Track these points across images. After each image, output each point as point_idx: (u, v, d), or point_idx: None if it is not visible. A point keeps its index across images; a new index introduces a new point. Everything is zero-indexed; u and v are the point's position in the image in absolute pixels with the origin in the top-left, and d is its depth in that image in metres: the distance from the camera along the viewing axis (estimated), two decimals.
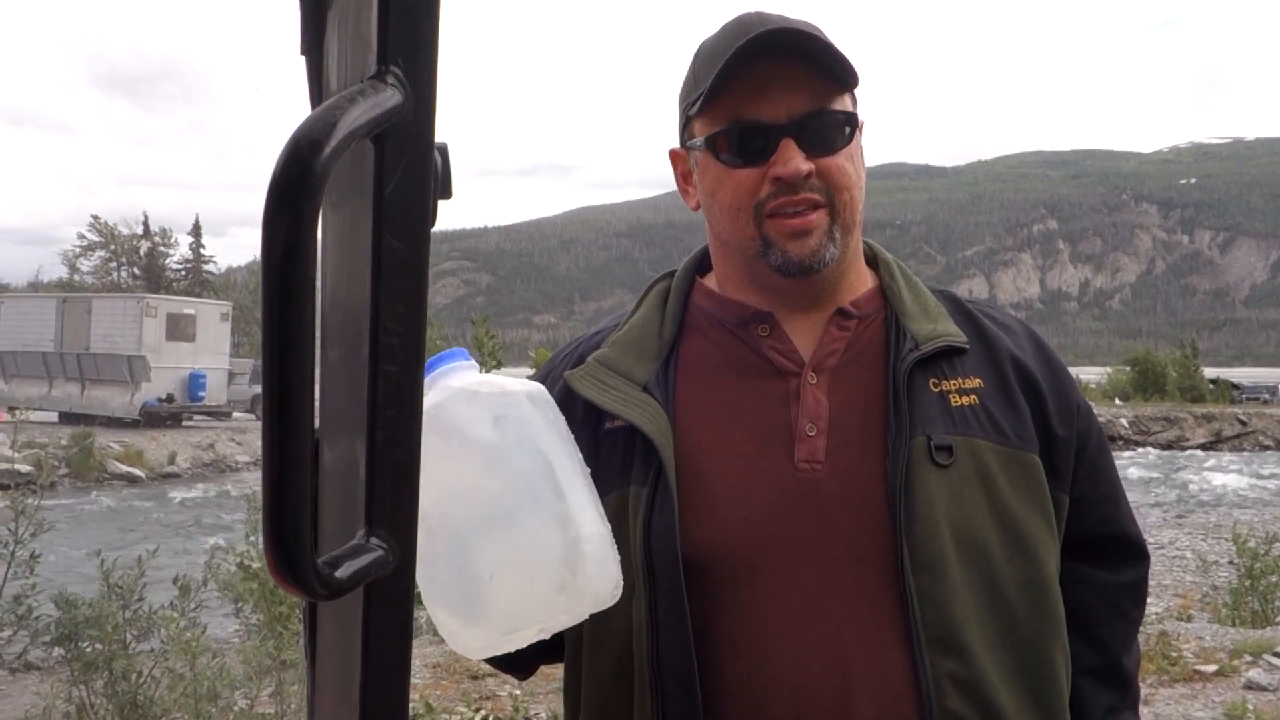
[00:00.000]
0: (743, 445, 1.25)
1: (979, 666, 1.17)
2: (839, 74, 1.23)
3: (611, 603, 1.05)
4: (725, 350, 1.32)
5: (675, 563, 1.18)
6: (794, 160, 1.21)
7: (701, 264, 1.42)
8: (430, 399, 1.01)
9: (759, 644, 1.19)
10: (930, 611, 1.16)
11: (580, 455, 1.06)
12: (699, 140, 1.27)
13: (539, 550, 0.98)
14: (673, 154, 1.36)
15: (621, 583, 1.06)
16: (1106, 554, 1.35)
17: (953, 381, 1.26)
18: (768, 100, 1.22)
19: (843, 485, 1.21)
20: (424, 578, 1.00)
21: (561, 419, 1.07)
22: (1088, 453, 1.33)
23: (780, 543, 1.20)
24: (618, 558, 1.05)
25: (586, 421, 1.28)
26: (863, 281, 1.35)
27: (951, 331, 1.29)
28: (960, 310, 1.35)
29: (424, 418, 0.98)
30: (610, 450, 1.26)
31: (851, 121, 1.25)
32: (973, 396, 1.25)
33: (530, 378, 1.46)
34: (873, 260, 1.39)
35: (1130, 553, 1.37)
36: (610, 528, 1.06)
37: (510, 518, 0.98)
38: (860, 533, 1.20)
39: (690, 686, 1.17)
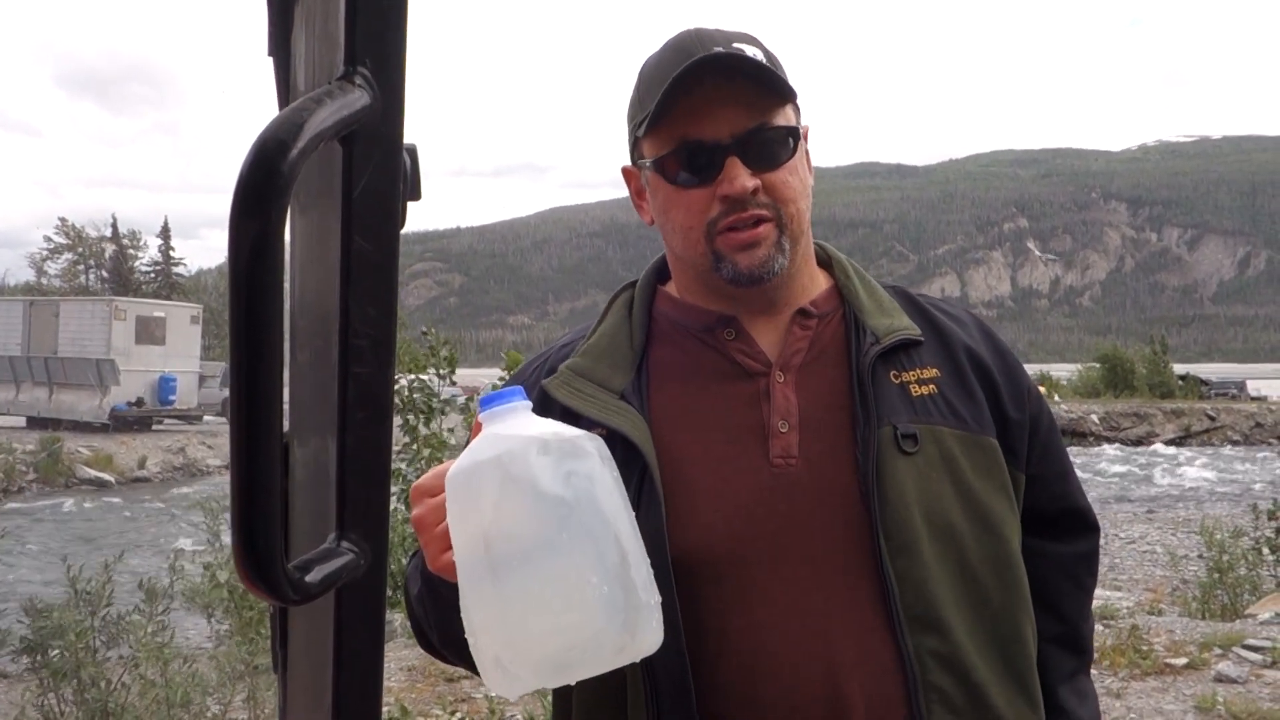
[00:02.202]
0: (719, 446, 1.28)
1: (957, 641, 1.22)
2: (778, 89, 1.26)
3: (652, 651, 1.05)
4: (693, 355, 1.35)
5: (665, 565, 1.20)
6: (740, 178, 1.24)
7: (661, 272, 1.46)
8: (498, 442, 1.00)
9: (749, 637, 1.22)
10: (909, 592, 1.20)
11: (633, 512, 1.06)
12: (648, 162, 1.32)
13: (603, 613, 0.98)
14: (625, 171, 1.41)
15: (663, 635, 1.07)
16: (1060, 527, 1.41)
17: (912, 373, 1.31)
18: (711, 120, 1.25)
19: (817, 477, 1.25)
20: (476, 617, 1.00)
21: (619, 474, 1.06)
22: (1039, 434, 1.38)
23: (762, 538, 1.24)
24: (662, 615, 1.05)
25: None
26: (817, 283, 1.40)
27: (907, 325, 1.34)
28: (912, 305, 1.41)
29: (496, 461, 0.99)
30: None
31: (794, 134, 1.29)
32: (931, 386, 1.30)
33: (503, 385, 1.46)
34: (825, 261, 1.44)
35: (1082, 525, 1.44)
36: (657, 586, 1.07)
37: (578, 578, 0.97)
38: (837, 522, 1.24)
39: (684, 686, 1.20)
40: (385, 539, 0.62)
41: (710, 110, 1.25)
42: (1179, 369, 47.90)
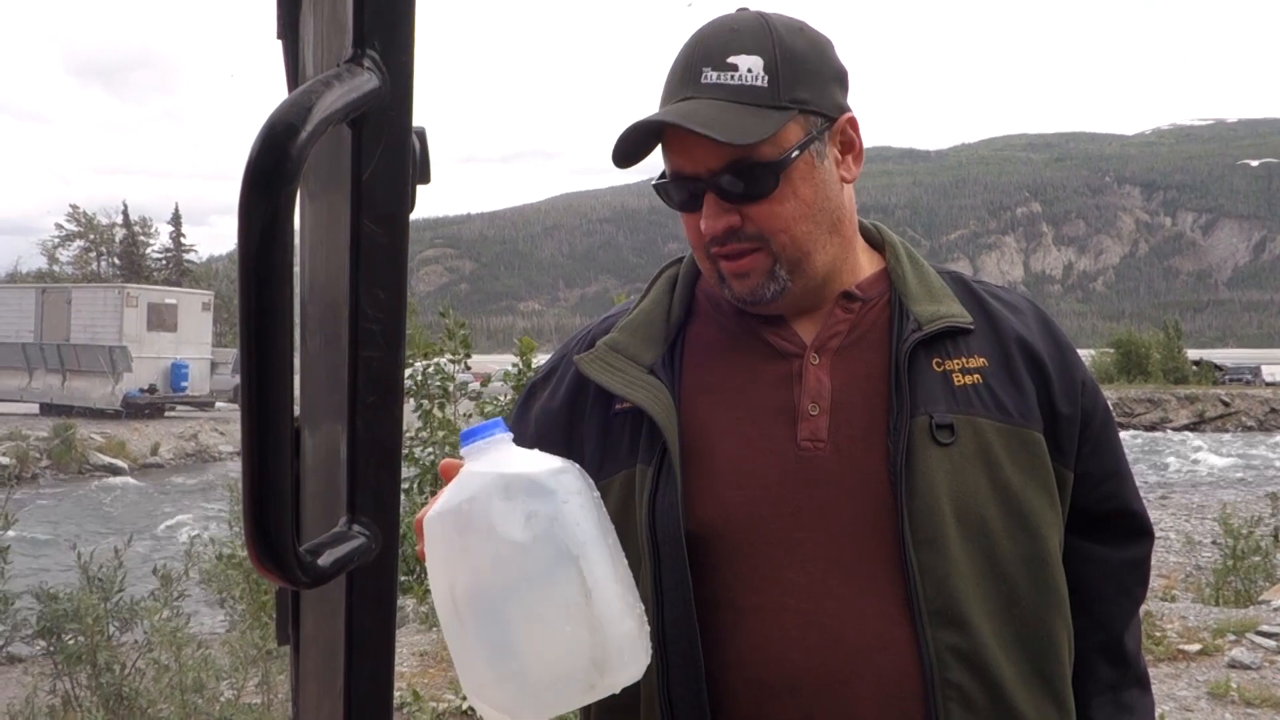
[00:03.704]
0: (745, 425, 1.27)
1: (980, 639, 1.19)
2: (763, 115, 1.21)
3: (639, 677, 1.07)
4: (729, 334, 1.34)
5: (679, 539, 1.21)
6: (711, 218, 1.24)
7: None
8: (465, 486, 1.02)
9: (761, 617, 1.21)
10: (931, 585, 1.18)
11: (614, 536, 1.07)
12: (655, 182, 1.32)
13: (568, 652, 1.01)
14: None
15: (649, 658, 1.07)
16: (1110, 530, 1.36)
17: (956, 361, 1.27)
18: (690, 154, 1.24)
19: (844, 463, 1.23)
20: (458, 661, 1.04)
21: (595, 500, 1.07)
22: (1092, 429, 1.33)
23: (781, 519, 1.22)
24: (646, 638, 1.07)
25: (597, 404, 1.33)
26: (864, 266, 1.36)
27: (955, 312, 1.30)
28: (966, 291, 1.36)
29: (457, 511, 1.00)
30: (619, 431, 1.30)
31: (779, 166, 1.23)
32: (976, 375, 1.27)
33: (543, 364, 1.48)
34: (879, 243, 1.41)
35: (1134, 529, 1.38)
36: (643, 612, 1.08)
37: (539, 619, 1.00)
38: (862, 509, 1.21)
39: (694, 658, 1.19)
40: (396, 523, 0.62)
41: (688, 144, 1.23)
42: (1193, 354, 47.72)
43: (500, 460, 1.04)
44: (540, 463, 1.06)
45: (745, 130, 1.20)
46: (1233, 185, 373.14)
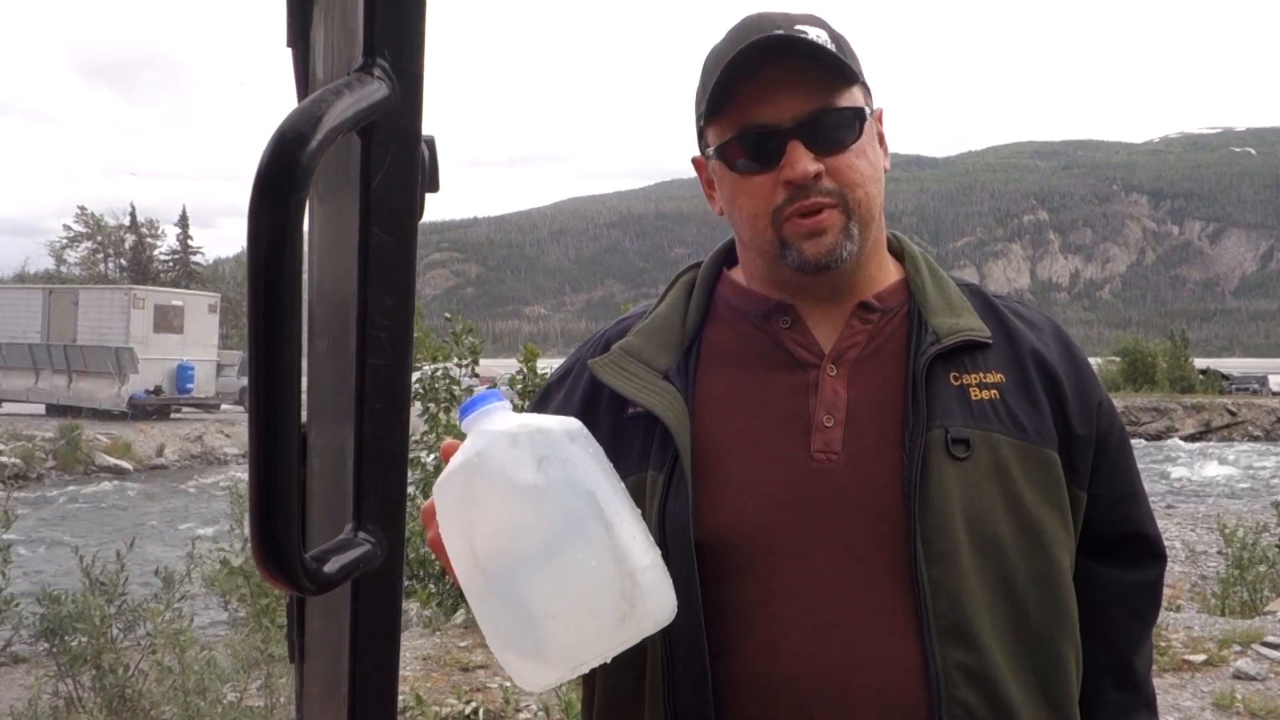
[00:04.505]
0: (759, 434, 1.26)
1: (989, 658, 1.17)
2: (839, 70, 1.23)
3: (668, 623, 1.07)
4: (747, 341, 1.33)
5: (688, 545, 1.20)
6: (801, 162, 1.22)
7: (728, 256, 1.43)
8: (471, 445, 1.03)
9: (770, 627, 1.20)
10: (942, 602, 1.17)
11: (623, 485, 1.08)
12: (712, 150, 1.30)
13: (596, 586, 1.00)
14: (695, 162, 1.38)
15: (677, 604, 1.07)
16: (1123, 553, 1.35)
17: (973, 376, 1.26)
18: (772, 103, 1.23)
19: (857, 475, 1.22)
20: (484, 621, 1.04)
21: (601, 451, 1.08)
22: (1107, 450, 1.32)
23: (792, 529, 1.21)
24: (670, 580, 1.07)
25: (610, 408, 1.31)
26: (886, 274, 1.36)
27: (974, 326, 1.29)
28: (986, 305, 1.35)
29: (467, 465, 1.00)
30: (631, 436, 1.28)
31: (859, 116, 1.26)
32: (993, 391, 1.26)
33: (558, 367, 1.48)
34: (899, 252, 1.40)
35: (1147, 553, 1.37)
36: (660, 552, 1.08)
37: (564, 557, 1.00)
38: (874, 522, 1.20)
39: (700, 666, 1.19)
40: (402, 529, 0.63)
41: (770, 94, 1.23)
42: (1200, 363, 47.67)
43: (502, 422, 1.04)
44: (543, 417, 1.07)
45: (841, 69, 1.23)
46: (1240, 194, 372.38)
